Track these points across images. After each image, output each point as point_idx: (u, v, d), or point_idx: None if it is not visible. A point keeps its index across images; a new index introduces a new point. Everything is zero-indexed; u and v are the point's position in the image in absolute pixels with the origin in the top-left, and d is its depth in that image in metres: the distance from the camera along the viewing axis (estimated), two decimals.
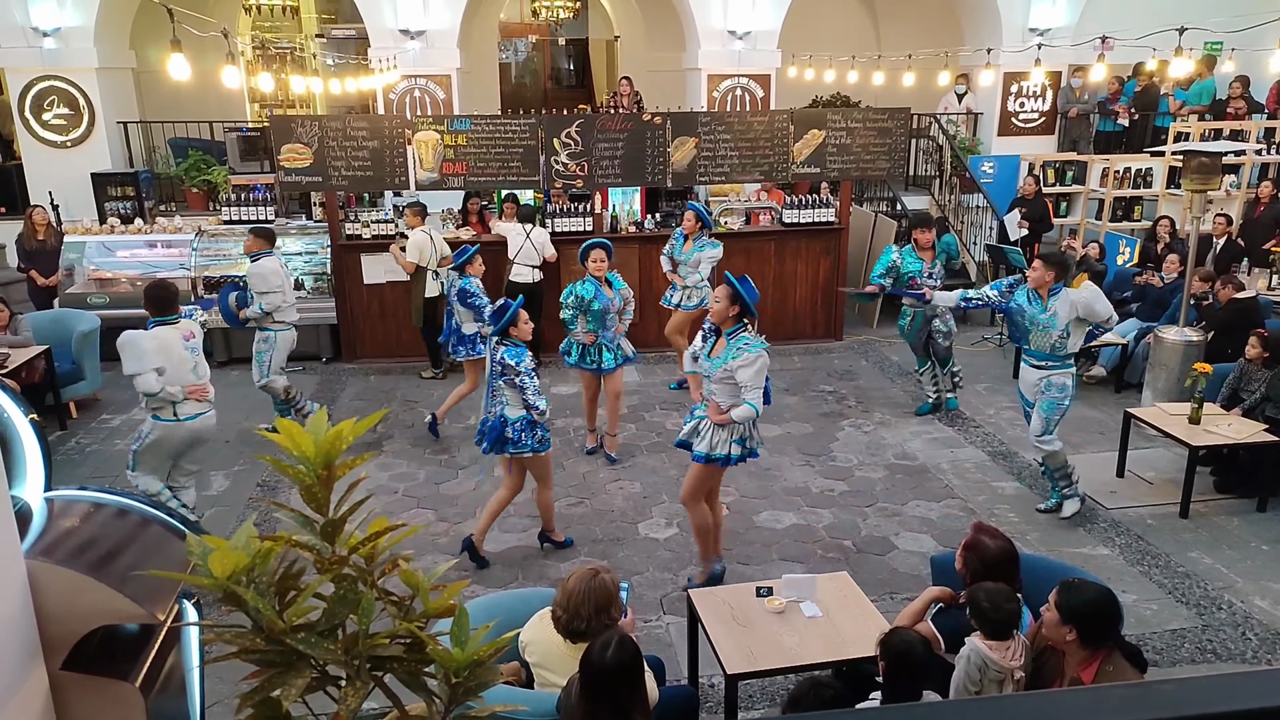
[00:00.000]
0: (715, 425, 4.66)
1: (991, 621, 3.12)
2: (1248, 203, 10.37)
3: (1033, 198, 10.44)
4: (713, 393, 4.70)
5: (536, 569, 5.35)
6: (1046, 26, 11.82)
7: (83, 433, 7.46)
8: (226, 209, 9.46)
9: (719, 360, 4.63)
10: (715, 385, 4.68)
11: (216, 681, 3.18)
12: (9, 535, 1.80)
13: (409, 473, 6.64)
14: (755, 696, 4.21)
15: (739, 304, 4.61)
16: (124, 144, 11.41)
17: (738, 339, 4.60)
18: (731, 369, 4.55)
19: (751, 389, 4.54)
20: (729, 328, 4.64)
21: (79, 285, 9.21)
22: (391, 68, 10.77)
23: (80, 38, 10.67)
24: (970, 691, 3.06)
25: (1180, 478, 5.98)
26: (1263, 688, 0.90)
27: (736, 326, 4.64)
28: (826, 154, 8.95)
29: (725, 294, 4.62)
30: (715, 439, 4.69)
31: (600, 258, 6.41)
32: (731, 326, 4.64)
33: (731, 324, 4.64)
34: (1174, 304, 7.78)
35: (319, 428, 1.52)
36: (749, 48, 11.46)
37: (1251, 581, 5.14)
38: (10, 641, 1.75)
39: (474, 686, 1.50)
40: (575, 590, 3.14)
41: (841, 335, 9.67)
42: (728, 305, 4.61)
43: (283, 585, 1.53)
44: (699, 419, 4.79)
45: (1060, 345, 5.60)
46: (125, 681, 1.88)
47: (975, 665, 3.08)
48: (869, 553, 5.49)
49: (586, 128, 8.60)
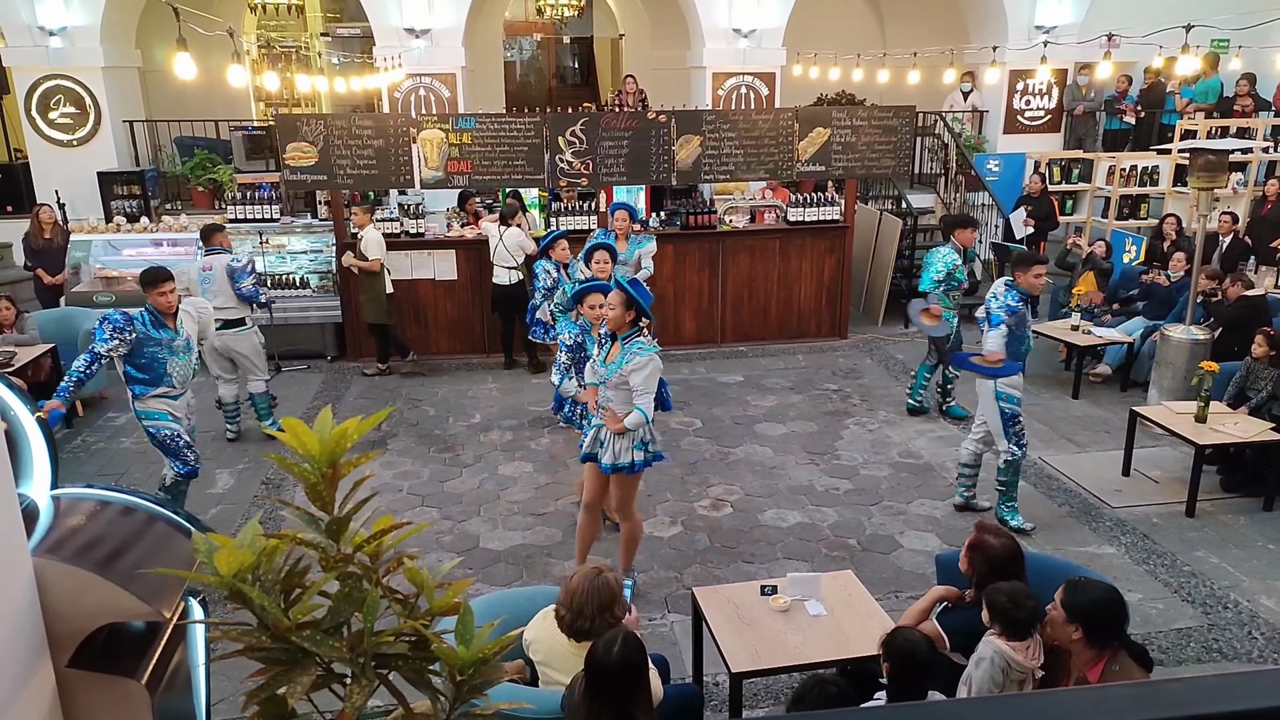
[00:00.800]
0: (614, 434, 4.63)
1: (1015, 620, 3.09)
2: (1254, 200, 10.34)
3: (1038, 196, 10.42)
4: (609, 400, 4.65)
5: (540, 567, 5.36)
6: (1052, 24, 11.79)
7: (88, 431, 7.48)
8: (232, 207, 9.48)
9: (614, 365, 4.58)
10: (611, 392, 4.63)
11: (221, 679, 3.19)
12: (16, 533, 1.80)
13: (413, 471, 6.65)
14: (759, 695, 4.21)
15: (634, 308, 4.56)
16: (130, 143, 11.45)
17: (633, 343, 4.56)
18: (625, 374, 4.53)
19: (643, 393, 4.50)
20: (624, 332, 4.59)
21: (85, 284, 9.24)
22: (396, 66, 10.78)
23: (86, 37, 10.70)
24: (994, 693, 3.04)
25: (1186, 476, 5.96)
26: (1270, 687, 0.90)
27: (632, 331, 4.59)
28: (831, 152, 8.94)
29: (620, 299, 4.54)
30: (618, 447, 4.63)
31: (604, 259, 6.24)
32: (627, 331, 4.59)
33: (627, 328, 4.59)
34: (1180, 302, 7.75)
35: (324, 426, 1.52)
36: (754, 46, 11.45)
37: (1258, 580, 5.12)
38: (17, 639, 1.76)
39: (479, 684, 1.50)
40: (579, 589, 3.13)
41: (846, 334, 9.66)
42: (623, 311, 4.55)
43: (288, 583, 1.53)
44: (596, 427, 4.72)
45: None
46: (131, 679, 1.89)
47: (999, 667, 3.06)
48: (874, 551, 5.49)
49: (591, 126, 8.60)
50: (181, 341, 5.42)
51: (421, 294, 9.04)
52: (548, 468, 6.63)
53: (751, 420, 7.50)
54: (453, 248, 8.98)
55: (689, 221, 9.23)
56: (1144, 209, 11.60)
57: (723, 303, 9.44)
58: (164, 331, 5.35)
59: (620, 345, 4.60)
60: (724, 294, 9.41)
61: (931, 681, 3.00)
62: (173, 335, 5.38)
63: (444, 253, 8.97)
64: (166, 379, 5.36)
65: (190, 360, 5.50)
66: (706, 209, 9.40)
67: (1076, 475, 6.41)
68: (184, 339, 5.44)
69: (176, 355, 5.39)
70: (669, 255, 9.21)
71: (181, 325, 5.46)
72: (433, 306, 9.10)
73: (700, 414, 7.63)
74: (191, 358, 5.52)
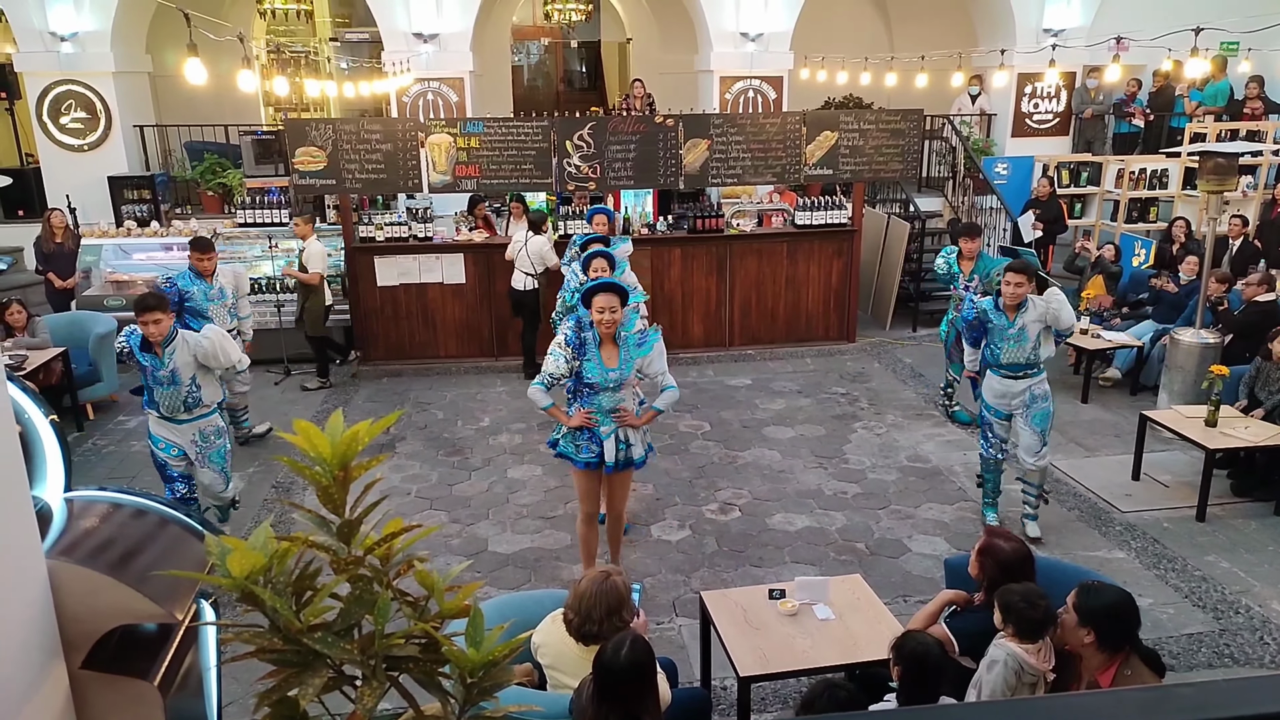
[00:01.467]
0: (633, 430, 4.70)
1: (1030, 620, 3.08)
2: (1264, 204, 10.28)
3: (1047, 199, 10.39)
4: (621, 400, 4.65)
5: (549, 570, 5.36)
6: (1061, 27, 11.77)
7: (99, 434, 7.52)
8: (241, 212, 9.53)
9: (627, 364, 4.59)
10: (624, 392, 4.65)
11: (231, 681, 3.21)
12: (30, 535, 1.82)
13: (421, 474, 6.66)
14: (768, 699, 4.20)
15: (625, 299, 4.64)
16: (140, 147, 11.52)
17: (629, 325, 4.64)
18: (643, 365, 4.61)
19: (663, 372, 4.64)
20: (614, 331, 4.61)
21: (96, 288, 9.29)
22: (405, 71, 10.82)
23: (97, 42, 10.78)
24: (1008, 696, 3.03)
25: (1197, 481, 5.93)
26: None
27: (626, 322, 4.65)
28: (839, 156, 8.93)
29: (617, 300, 4.57)
30: (635, 442, 4.77)
31: (601, 267, 6.04)
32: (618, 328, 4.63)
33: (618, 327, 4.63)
34: (1190, 306, 7.72)
35: (335, 429, 1.53)
36: (761, 49, 11.46)
37: (1269, 585, 5.09)
38: (31, 640, 1.77)
39: (489, 687, 1.51)
40: (587, 593, 3.13)
41: (854, 337, 9.65)
42: (621, 310, 4.59)
43: (299, 585, 1.54)
44: (613, 433, 4.66)
45: (1035, 355, 5.38)
46: (144, 680, 1.90)
47: (1012, 669, 3.05)
48: (882, 555, 5.47)
49: (599, 130, 8.61)
50: (165, 373, 5.10)
51: (430, 297, 9.07)
52: (557, 471, 6.63)
53: (760, 424, 7.49)
54: (460, 251, 9.01)
55: (697, 225, 9.24)
56: (1153, 212, 11.56)
57: (730, 306, 9.43)
58: (147, 357, 5.11)
59: (619, 346, 4.62)
60: (732, 298, 9.41)
61: (943, 686, 2.99)
62: (157, 364, 5.10)
63: (452, 256, 8.99)
64: (155, 404, 5.21)
65: (178, 393, 5.15)
66: (714, 213, 9.40)
67: (1086, 480, 6.39)
68: (169, 370, 5.09)
69: (160, 385, 5.13)
70: (676, 259, 9.22)
71: (171, 356, 5.09)
72: (441, 310, 9.13)
73: (708, 417, 7.63)
74: (180, 390, 5.15)
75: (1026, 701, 2.16)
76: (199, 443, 5.34)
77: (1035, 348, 5.36)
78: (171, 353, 5.11)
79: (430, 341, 9.18)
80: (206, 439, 5.36)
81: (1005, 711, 1.09)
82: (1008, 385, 5.48)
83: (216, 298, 6.82)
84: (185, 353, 5.14)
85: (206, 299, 6.74)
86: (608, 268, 6.06)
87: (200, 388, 5.24)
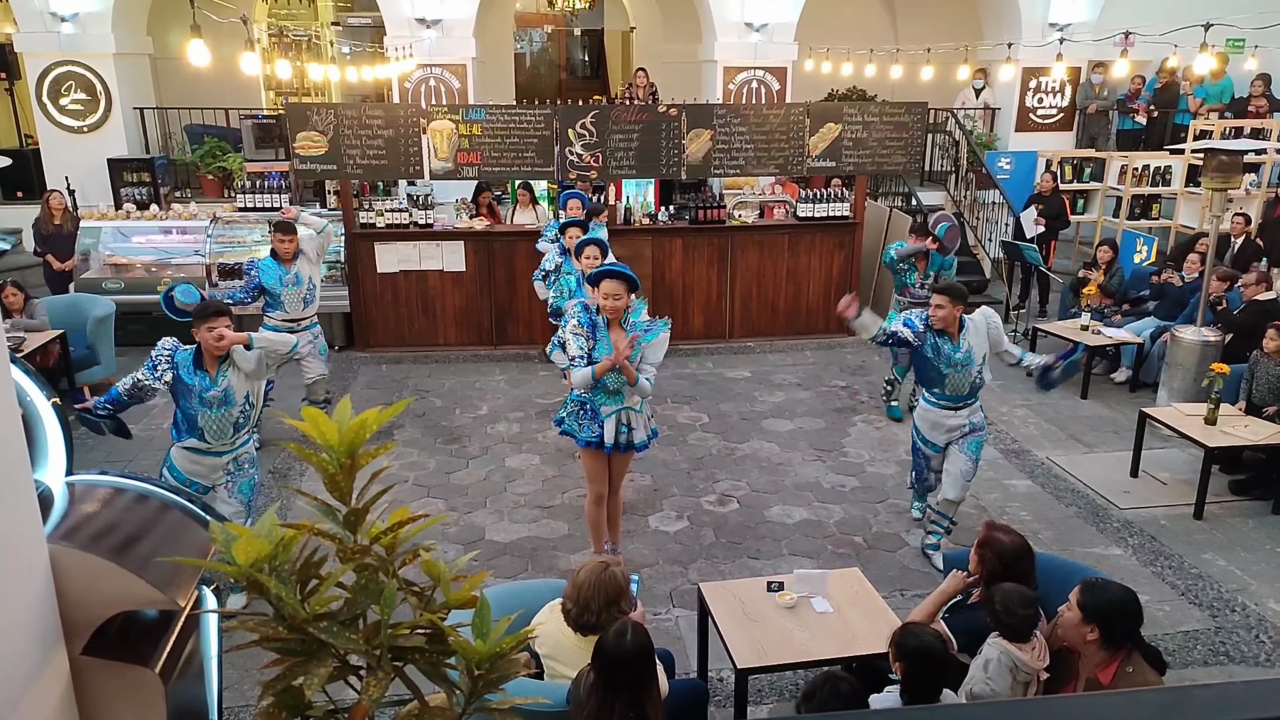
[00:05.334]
0: (637, 414, 4.74)
1: (1008, 626, 3.12)
2: (1267, 202, 10.27)
3: (1050, 194, 10.37)
4: (624, 383, 4.64)
5: (546, 559, 5.36)
6: (1067, 21, 11.73)
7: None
8: (241, 196, 9.48)
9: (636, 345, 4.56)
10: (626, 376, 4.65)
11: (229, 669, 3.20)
12: (32, 519, 1.80)
13: (419, 462, 6.65)
14: (765, 691, 4.21)
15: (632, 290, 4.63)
16: (140, 130, 11.46)
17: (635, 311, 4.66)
18: (646, 352, 4.61)
19: (652, 365, 4.64)
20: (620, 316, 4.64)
21: (94, 270, 9.25)
22: (407, 56, 10.76)
23: (98, 23, 10.70)
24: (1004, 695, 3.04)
25: (1195, 479, 5.94)
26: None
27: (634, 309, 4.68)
28: (842, 148, 8.90)
29: (624, 287, 4.55)
30: (645, 426, 4.84)
31: (594, 255, 6.06)
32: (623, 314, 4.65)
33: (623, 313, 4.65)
34: (1192, 303, 7.72)
35: (343, 416, 1.52)
36: (765, 40, 11.41)
37: (1266, 584, 5.11)
38: (32, 626, 1.76)
39: (495, 679, 1.50)
40: (585, 583, 3.13)
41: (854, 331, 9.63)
42: (626, 299, 4.60)
43: (304, 574, 1.53)
44: (613, 414, 4.69)
45: (980, 381, 5.01)
46: (145, 667, 1.89)
47: (1006, 667, 3.07)
48: (880, 549, 5.48)
49: (601, 119, 8.58)
50: (218, 393, 4.48)
51: (429, 285, 9.04)
52: (555, 460, 6.63)
53: (759, 416, 7.49)
54: (461, 239, 8.98)
55: (698, 216, 9.21)
56: (1155, 209, 11.54)
57: (731, 298, 9.42)
58: (198, 377, 4.46)
59: (625, 331, 4.62)
60: (733, 289, 9.39)
61: (945, 681, 3.00)
62: (208, 384, 4.46)
63: (453, 244, 8.96)
64: (197, 431, 4.52)
65: (228, 415, 4.54)
66: (716, 204, 9.37)
67: (1084, 476, 6.39)
68: (222, 390, 4.49)
69: (209, 408, 4.47)
70: (678, 250, 9.20)
71: (226, 373, 4.50)
72: (440, 297, 9.10)
73: (707, 409, 7.62)
74: (231, 412, 4.55)
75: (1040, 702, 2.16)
76: (232, 472, 4.73)
77: (980, 372, 5.01)
78: (226, 370, 4.51)
79: (430, 329, 9.16)
80: (240, 467, 4.75)
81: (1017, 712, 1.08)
82: (945, 418, 5.12)
83: (292, 283, 6.59)
84: (236, 370, 4.56)
85: (281, 284, 6.54)
86: (599, 255, 6.14)
87: (252, 406, 4.69)
